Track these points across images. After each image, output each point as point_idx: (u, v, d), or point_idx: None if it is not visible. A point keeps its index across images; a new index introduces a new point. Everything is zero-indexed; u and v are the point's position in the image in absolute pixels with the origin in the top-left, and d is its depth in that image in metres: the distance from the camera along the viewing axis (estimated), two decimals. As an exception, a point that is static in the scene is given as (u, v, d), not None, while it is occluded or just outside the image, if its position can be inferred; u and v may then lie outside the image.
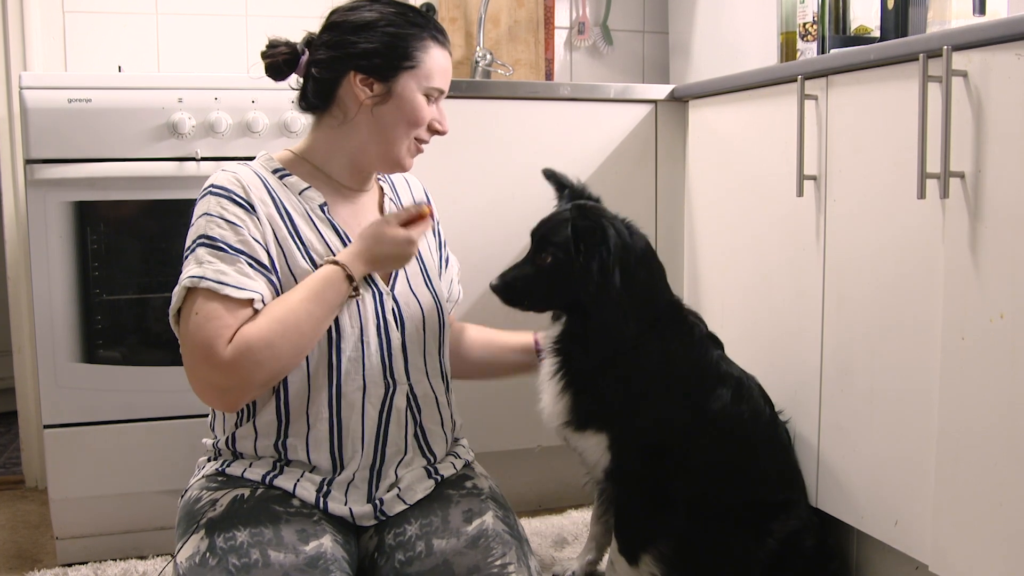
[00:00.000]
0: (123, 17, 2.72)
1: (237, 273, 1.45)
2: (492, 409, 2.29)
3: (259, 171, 1.58)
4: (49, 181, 2.04)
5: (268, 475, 1.53)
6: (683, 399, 1.78)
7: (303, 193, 1.58)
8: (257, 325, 1.43)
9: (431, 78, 1.59)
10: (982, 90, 1.50)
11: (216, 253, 1.46)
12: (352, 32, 1.57)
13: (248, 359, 1.41)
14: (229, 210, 1.49)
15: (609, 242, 1.67)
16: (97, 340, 2.11)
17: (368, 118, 1.58)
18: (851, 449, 1.84)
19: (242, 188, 1.52)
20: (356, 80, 1.56)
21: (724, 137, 2.27)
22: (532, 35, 3.06)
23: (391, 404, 1.59)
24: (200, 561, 1.39)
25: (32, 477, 2.72)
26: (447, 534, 1.50)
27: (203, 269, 1.45)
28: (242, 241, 1.48)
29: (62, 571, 2.09)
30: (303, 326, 1.45)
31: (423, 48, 1.58)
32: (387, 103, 1.57)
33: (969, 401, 1.54)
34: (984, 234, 1.51)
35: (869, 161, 1.77)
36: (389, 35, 1.56)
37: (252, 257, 1.48)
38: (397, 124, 1.58)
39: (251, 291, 1.45)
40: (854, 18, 2.36)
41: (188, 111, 2.10)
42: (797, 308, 1.98)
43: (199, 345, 1.42)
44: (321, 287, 1.47)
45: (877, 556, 1.92)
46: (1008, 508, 1.48)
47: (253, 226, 1.49)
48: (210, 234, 1.47)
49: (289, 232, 1.54)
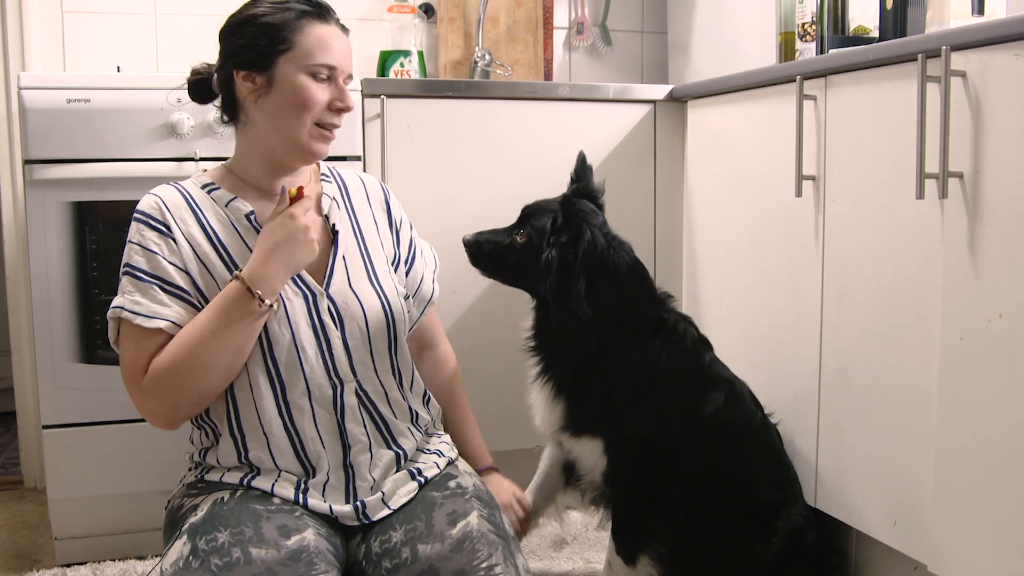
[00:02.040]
0: (122, 17, 2.72)
1: (149, 301, 1.51)
2: (491, 409, 2.29)
3: (187, 188, 1.60)
4: (48, 181, 2.04)
5: (246, 478, 1.54)
6: (675, 404, 1.78)
7: (229, 204, 1.59)
8: (166, 353, 1.48)
9: (311, 55, 1.54)
10: (981, 90, 1.50)
11: (133, 282, 1.52)
12: (231, 33, 1.58)
13: (161, 386, 1.48)
14: (146, 236, 1.54)
15: (580, 247, 1.67)
16: (96, 340, 2.11)
17: (259, 113, 1.57)
18: (850, 449, 1.84)
19: (159, 211, 1.55)
20: (239, 77, 1.56)
21: (723, 137, 2.27)
22: (531, 35, 3.06)
23: (342, 403, 1.58)
24: (184, 565, 1.39)
25: (31, 477, 2.72)
26: (432, 539, 1.49)
27: (123, 299, 1.52)
28: (156, 267, 1.52)
29: (61, 571, 2.09)
30: (212, 347, 1.46)
31: (298, 28, 1.54)
32: (270, 92, 1.55)
33: (968, 401, 1.54)
34: (983, 234, 1.51)
35: (868, 161, 1.77)
36: (260, 24, 1.54)
37: (165, 281, 1.52)
38: (286, 111, 1.54)
39: (160, 319, 1.49)
40: (853, 18, 2.36)
41: (187, 111, 2.10)
42: (796, 308, 1.98)
43: (124, 373, 1.52)
44: (224, 305, 1.47)
45: (876, 556, 1.93)
46: (1007, 508, 1.48)
47: (168, 249, 1.53)
48: (130, 263, 1.53)
49: (212, 245, 1.55)
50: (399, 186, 2.20)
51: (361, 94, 2.24)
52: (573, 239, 1.68)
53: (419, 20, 2.94)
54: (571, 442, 1.80)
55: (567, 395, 1.77)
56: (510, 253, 1.75)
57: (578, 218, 1.71)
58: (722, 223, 2.29)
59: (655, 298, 1.82)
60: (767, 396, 2.06)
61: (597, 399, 1.76)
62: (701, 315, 2.38)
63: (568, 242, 1.68)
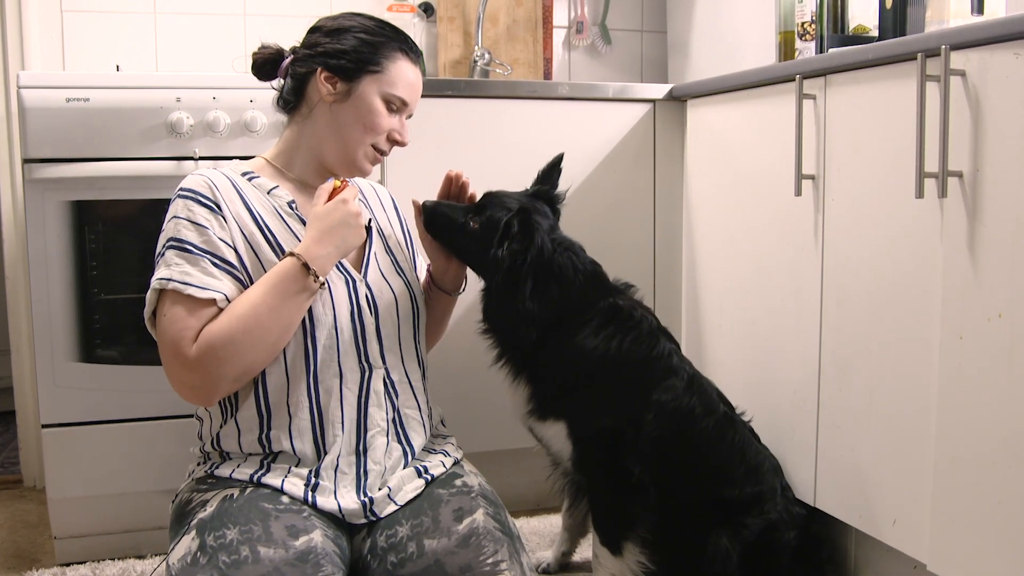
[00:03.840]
0: (121, 16, 2.72)
1: (201, 273, 1.51)
2: (490, 408, 2.29)
3: (228, 173, 1.63)
4: (47, 180, 2.04)
5: (256, 474, 1.55)
6: (630, 388, 1.79)
7: (271, 192, 1.63)
8: (219, 323, 1.48)
9: (394, 85, 1.64)
10: (980, 89, 1.50)
11: (182, 255, 1.52)
12: (326, 35, 1.66)
13: (212, 356, 1.47)
14: (195, 212, 1.54)
15: (529, 254, 1.73)
16: (95, 339, 2.11)
17: (327, 115, 1.64)
18: (849, 448, 1.84)
19: (209, 189, 1.57)
20: (321, 77, 1.62)
21: (722, 136, 2.27)
22: (530, 34, 3.06)
23: (369, 387, 1.62)
24: (191, 561, 1.40)
25: (30, 477, 2.72)
26: (438, 534, 1.52)
27: (170, 271, 1.51)
28: (207, 241, 1.53)
29: (60, 571, 2.09)
30: (265, 320, 1.48)
31: (391, 57, 1.64)
32: (346, 102, 1.63)
33: (967, 400, 1.54)
34: (982, 233, 1.51)
35: (867, 160, 1.77)
36: (359, 39, 1.63)
37: (216, 256, 1.53)
38: (354, 125, 1.63)
39: (213, 291, 1.50)
40: (852, 17, 2.36)
41: (186, 110, 2.09)
42: (795, 307, 1.98)
43: (168, 345, 1.49)
44: (279, 280, 1.50)
45: (875, 555, 1.93)
46: (1006, 507, 1.48)
47: (218, 225, 1.54)
48: (177, 236, 1.53)
49: (257, 227, 1.58)
50: (398, 185, 2.20)
51: (360, 93, 2.24)
52: (524, 246, 1.73)
53: (418, 19, 2.94)
54: (538, 426, 1.83)
55: (527, 379, 1.81)
56: (460, 232, 1.79)
57: (532, 228, 1.76)
58: (721, 222, 2.29)
59: (609, 289, 1.85)
60: (766, 395, 2.06)
61: (552, 383, 1.80)
62: (700, 314, 2.38)
63: (519, 248, 1.73)
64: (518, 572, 1.49)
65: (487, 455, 2.24)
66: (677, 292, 2.49)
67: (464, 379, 2.23)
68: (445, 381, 2.04)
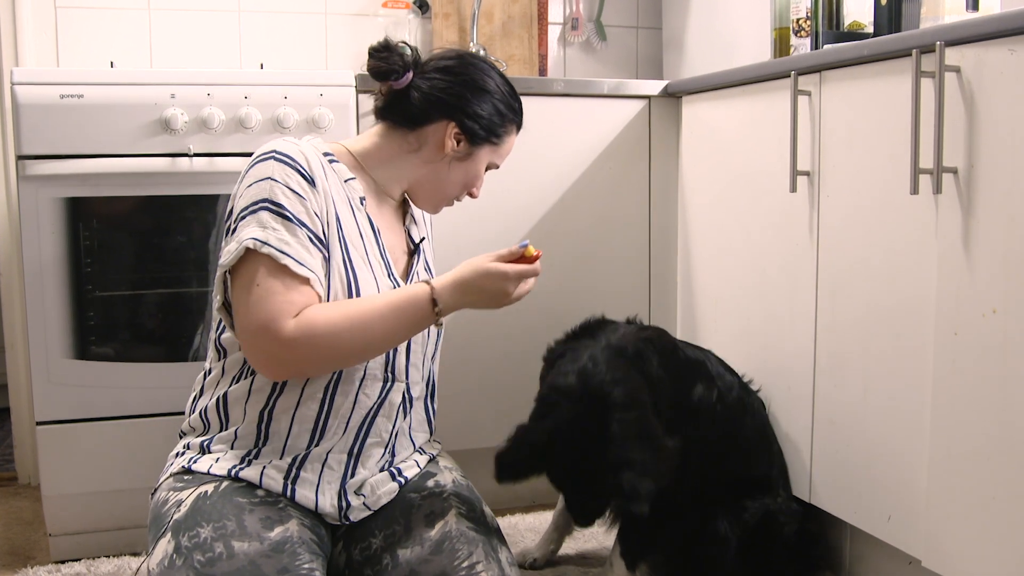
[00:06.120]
0: (115, 12, 2.71)
1: (299, 246, 1.44)
2: (488, 406, 2.29)
3: (309, 149, 1.56)
4: (41, 177, 2.03)
5: (234, 468, 1.51)
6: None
7: (347, 182, 1.59)
8: (328, 313, 1.43)
9: (500, 157, 1.71)
10: (975, 85, 1.50)
11: (281, 220, 1.44)
12: (471, 90, 1.62)
13: (309, 341, 1.41)
14: (294, 179, 1.47)
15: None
16: (90, 336, 2.10)
17: (440, 165, 1.64)
18: (844, 444, 1.85)
19: (305, 160, 1.51)
20: (451, 130, 1.61)
21: (718, 133, 2.28)
22: (526, 31, 3.05)
23: (386, 398, 1.59)
24: (168, 564, 1.38)
25: (25, 474, 2.71)
26: (411, 542, 1.50)
27: (267, 234, 1.43)
28: (305, 213, 1.47)
29: (55, 568, 2.09)
30: (373, 330, 1.45)
31: (508, 131, 1.69)
32: (463, 162, 1.65)
33: (961, 396, 1.55)
34: (977, 229, 1.51)
35: (862, 157, 1.77)
36: (497, 111, 1.65)
37: (312, 231, 1.47)
38: (458, 182, 1.67)
39: (309, 269, 1.44)
40: (847, 14, 2.36)
41: (181, 107, 2.09)
42: (790, 303, 1.99)
43: (261, 317, 1.41)
44: (404, 301, 1.48)
45: (870, 551, 1.93)
46: (1001, 503, 1.48)
47: (314, 200, 1.49)
48: (276, 200, 1.45)
49: (334, 212, 1.53)
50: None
51: (355, 90, 2.24)
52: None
53: (413, 16, 2.94)
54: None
55: None
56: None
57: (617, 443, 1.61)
58: (716, 219, 2.29)
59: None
60: (761, 391, 2.06)
61: None
62: (695, 309, 2.38)
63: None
64: (495, 571, 1.47)
65: (482, 452, 2.24)
66: (672, 288, 2.49)
67: (457, 375, 2.23)
68: (438, 377, 2.04)
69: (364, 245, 1.56)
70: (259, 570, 1.36)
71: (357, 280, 1.52)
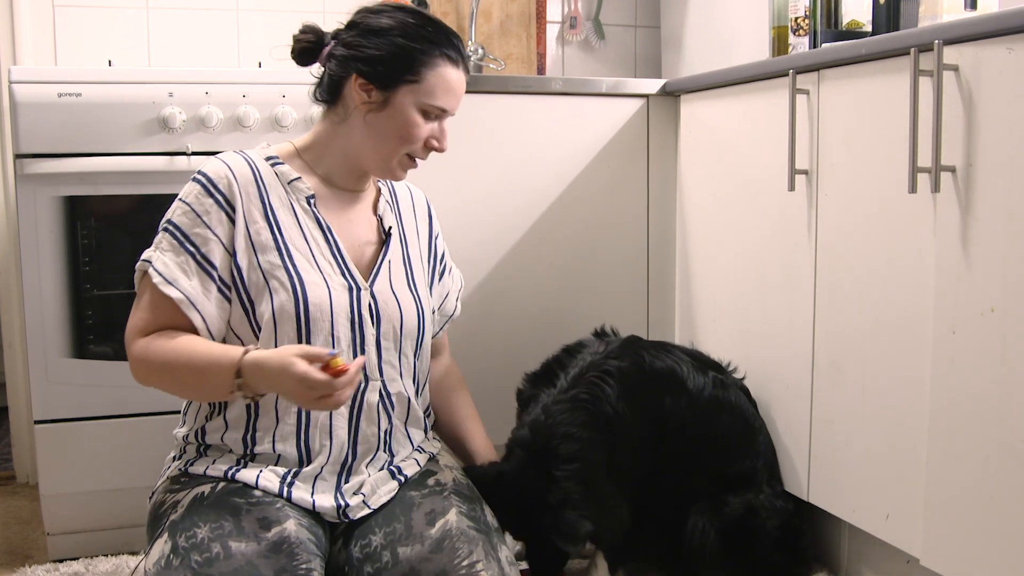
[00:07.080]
0: (113, 11, 2.71)
1: (177, 268, 1.50)
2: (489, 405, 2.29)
3: (253, 159, 1.58)
4: (39, 176, 2.03)
5: (230, 470, 1.52)
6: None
7: (292, 183, 1.58)
8: (164, 346, 1.49)
9: (432, 96, 1.56)
10: (973, 84, 1.50)
11: (172, 242, 1.52)
12: (365, 35, 1.56)
13: (145, 366, 1.51)
14: (203, 201, 1.52)
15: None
16: (88, 335, 2.10)
17: (362, 123, 1.57)
18: (842, 443, 1.85)
19: (227, 183, 1.53)
20: (356, 84, 1.55)
21: (716, 131, 2.27)
22: (524, 29, 3.05)
23: (362, 399, 1.57)
24: (165, 564, 1.38)
25: (23, 473, 2.71)
26: (411, 540, 1.49)
27: (154, 254, 1.52)
28: (198, 235, 1.51)
29: (53, 567, 2.09)
30: (183, 381, 1.50)
31: (431, 64, 1.55)
32: (382, 112, 1.55)
33: (960, 394, 1.55)
34: (975, 228, 1.51)
35: (860, 155, 1.77)
36: (397, 45, 1.53)
37: (200, 252, 1.51)
38: (389, 135, 1.57)
39: (179, 290, 1.49)
40: (846, 12, 2.36)
41: (179, 105, 2.09)
42: (788, 302, 1.99)
43: (127, 329, 1.54)
44: (215, 360, 1.44)
45: (868, 550, 1.93)
46: (1000, 501, 1.48)
47: (218, 221, 1.51)
48: (174, 220, 1.53)
49: (268, 224, 1.54)
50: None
51: (354, 88, 2.23)
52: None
53: (412, 14, 2.94)
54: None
55: None
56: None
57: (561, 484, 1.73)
58: (715, 217, 2.29)
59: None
60: (759, 390, 2.06)
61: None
62: (693, 308, 2.38)
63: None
64: (495, 570, 1.46)
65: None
66: (671, 286, 2.49)
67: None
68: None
69: (310, 247, 1.55)
70: (256, 570, 1.36)
71: (303, 283, 1.52)
